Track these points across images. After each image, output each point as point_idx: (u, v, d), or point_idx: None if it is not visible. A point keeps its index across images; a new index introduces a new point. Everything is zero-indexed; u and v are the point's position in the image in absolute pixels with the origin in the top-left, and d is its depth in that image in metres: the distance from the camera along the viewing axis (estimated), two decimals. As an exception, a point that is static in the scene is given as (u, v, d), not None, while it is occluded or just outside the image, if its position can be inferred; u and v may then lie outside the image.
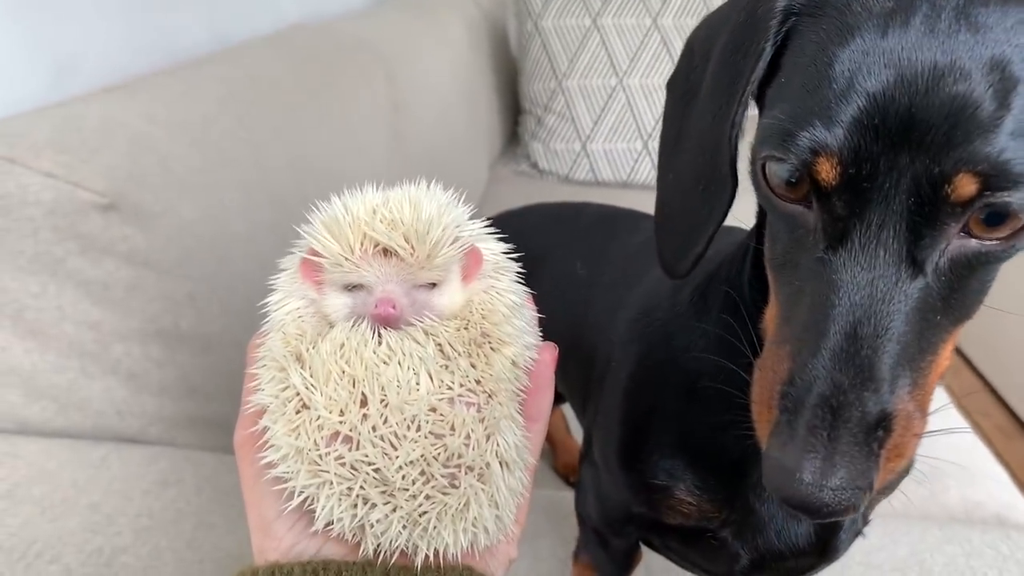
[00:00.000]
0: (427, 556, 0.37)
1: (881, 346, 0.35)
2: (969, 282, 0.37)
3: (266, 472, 0.38)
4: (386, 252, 0.39)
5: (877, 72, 0.34)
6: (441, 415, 0.37)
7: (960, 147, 0.33)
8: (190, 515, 0.76)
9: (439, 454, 0.36)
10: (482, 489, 0.38)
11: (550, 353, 0.43)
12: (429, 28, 1.90)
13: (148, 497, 0.78)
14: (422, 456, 0.36)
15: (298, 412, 0.37)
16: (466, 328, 0.40)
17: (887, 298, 0.35)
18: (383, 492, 0.36)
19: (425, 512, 0.36)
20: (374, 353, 0.37)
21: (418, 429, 0.36)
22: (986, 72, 0.33)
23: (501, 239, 0.43)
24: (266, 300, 0.42)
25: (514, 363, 0.40)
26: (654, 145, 2.08)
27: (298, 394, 0.37)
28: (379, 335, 0.38)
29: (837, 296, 0.35)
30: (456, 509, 0.37)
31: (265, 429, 0.39)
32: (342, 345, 0.38)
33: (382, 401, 0.36)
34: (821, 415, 0.34)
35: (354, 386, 0.37)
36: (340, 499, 0.36)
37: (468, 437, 0.37)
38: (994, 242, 0.35)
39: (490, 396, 0.38)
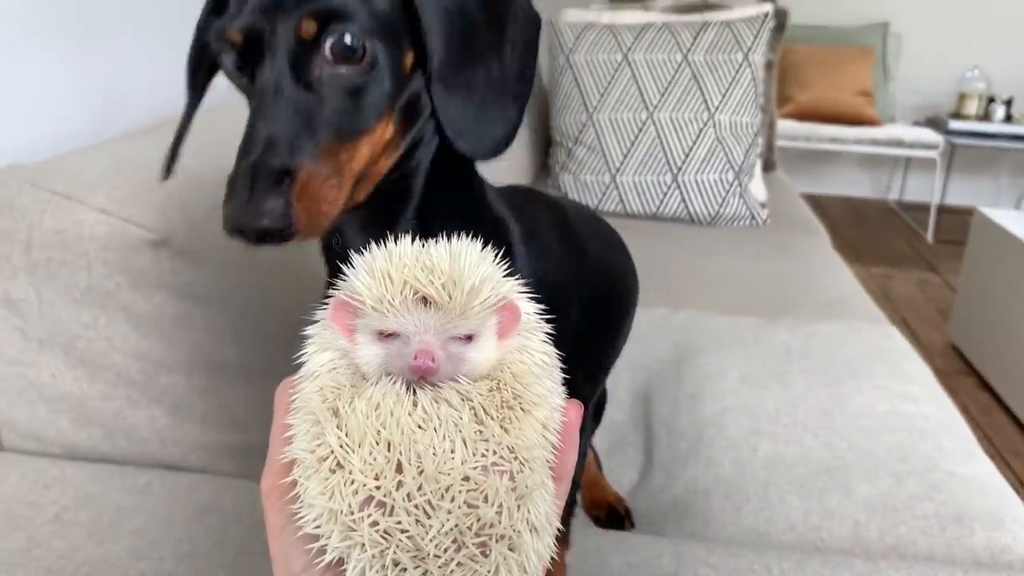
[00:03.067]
0: None
1: (279, 133, 0.51)
2: (347, 98, 0.53)
3: (294, 524, 0.38)
4: (425, 301, 0.39)
5: None
6: (475, 484, 0.37)
7: (304, 4, 0.51)
8: (230, 543, 0.79)
9: (472, 524, 0.36)
10: (513, 558, 0.38)
11: (576, 412, 0.44)
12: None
13: (190, 524, 0.80)
14: (456, 526, 0.36)
15: (332, 472, 0.37)
16: (497, 389, 0.40)
17: (281, 104, 0.51)
18: (414, 557, 0.36)
19: None
20: (409, 416, 0.37)
21: (452, 499, 0.36)
22: None
23: (533, 299, 0.44)
24: (301, 352, 0.42)
25: (544, 426, 0.40)
26: (685, 179, 2.10)
27: (333, 453, 0.37)
28: (414, 395, 0.38)
29: (258, 109, 0.52)
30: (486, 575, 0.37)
31: (295, 482, 0.39)
32: (378, 405, 0.38)
33: (418, 469, 0.36)
34: (243, 178, 0.50)
35: (390, 450, 0.37)
36: (371, 561, 0.36)
37: (500, 507, 0.37)
38: (349, 68, 0.52)
39: (523, 463, 0.38)
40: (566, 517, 0.89)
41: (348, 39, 0.52)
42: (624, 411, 1.17)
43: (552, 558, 0.41)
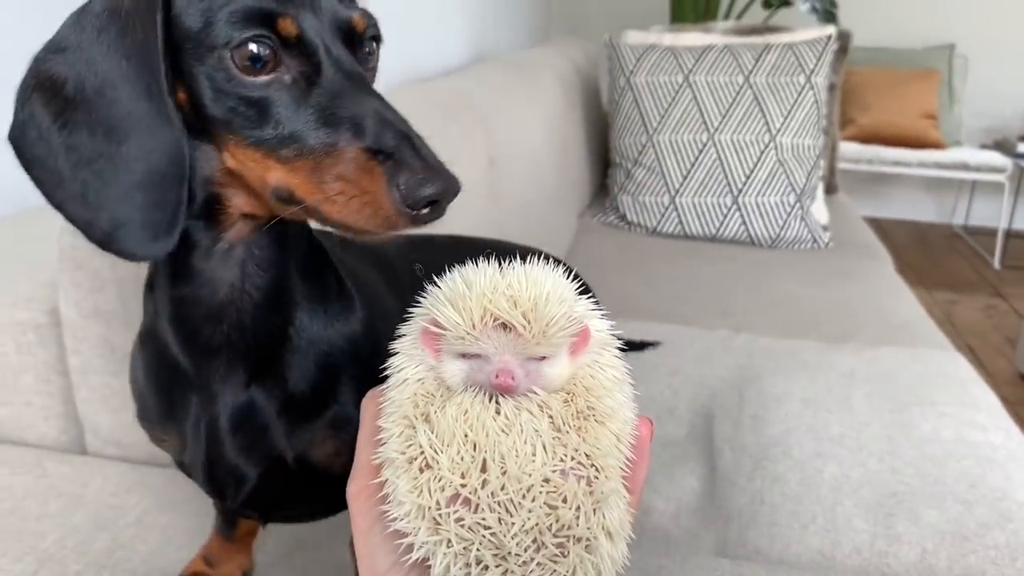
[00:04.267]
0: None
1: (374, 97, 0.49)
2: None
3: (382, 524, 0.41)
4: (504, 326, 0.41)
5: None
6: (554, 487, 0.39)
7: (345, 6, 0.52)
8: (304, 550, 0.81)
9: (551, 524, 0.38)
10: (589, 560, 0.39)
11: (647, 428, 0.45)
12: (525, 85, 1.97)
13: (264, 533, 0.83)
14: (536, 525, 0.38)
15: (422, 471, 0.39)
16: (572, 401, 0.42)
17: (360, 77, 0.50)
18: (496, 555, 0.38)
19: None
20: (494, 421, 0.40)
21: (533, 499, 0.38)
22: None
23: (605, 315, 0.45)
24: (387, 363, 0.44)
25: (618, 438, 0.42)
26: (745, 200, 2.10)
27: (422, 453, 0.39)
28: (497, 403, 0.41)
29: (350, 95, 0.49)
30: None
31: (384, 482, 0.41)
32: (466, 411, 0.40)
33: (501, 469, 0.38)
34: (409, 144, 0.47)
35: (475, 451, 0.39)
36: (456, 558, 0.38)
37: (578, 509, 0.39)
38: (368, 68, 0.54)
39: (598, 470, 0.40)
40: None
41: (375, 45, 0.55)
42: (684, 428, 1.17)
43: (624, 563, 0.43)
